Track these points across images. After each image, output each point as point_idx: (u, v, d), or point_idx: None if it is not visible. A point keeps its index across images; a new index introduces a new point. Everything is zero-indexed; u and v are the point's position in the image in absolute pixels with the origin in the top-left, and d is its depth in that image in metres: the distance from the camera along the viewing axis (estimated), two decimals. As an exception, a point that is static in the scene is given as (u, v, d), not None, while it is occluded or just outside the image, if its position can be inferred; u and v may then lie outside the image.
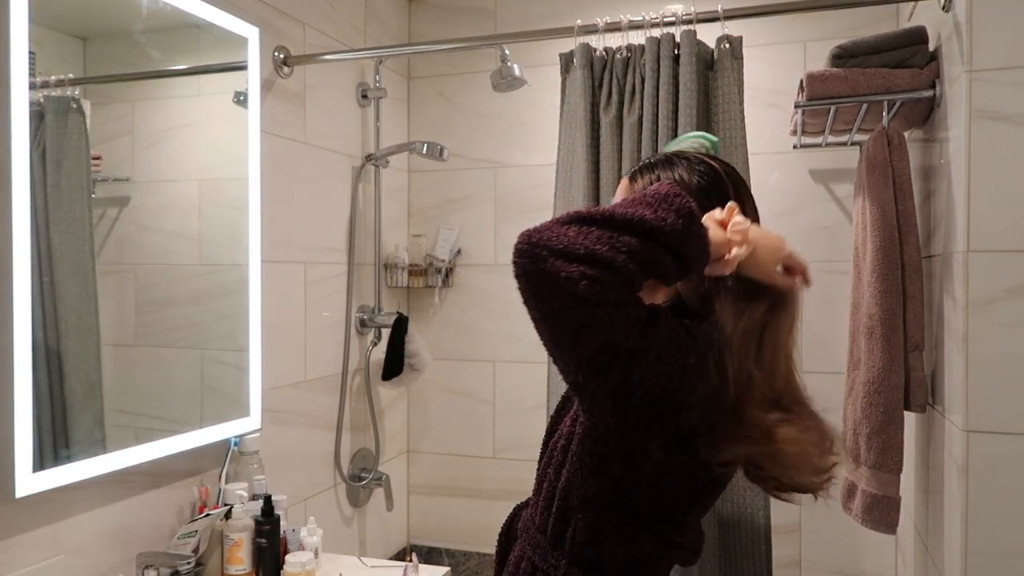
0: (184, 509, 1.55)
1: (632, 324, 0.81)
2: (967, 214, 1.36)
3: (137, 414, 1.43)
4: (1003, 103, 1.34)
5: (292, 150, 1.95)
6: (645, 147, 1.68)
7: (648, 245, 0.81)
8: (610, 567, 0.97)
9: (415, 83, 2.54)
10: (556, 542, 0.99)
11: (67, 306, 1.28)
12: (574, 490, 0.97)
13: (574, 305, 0.80)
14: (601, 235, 0.80)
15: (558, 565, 0.98)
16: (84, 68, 1.33)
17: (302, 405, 1.98)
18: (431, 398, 2.53)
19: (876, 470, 1.55)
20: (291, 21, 1.93)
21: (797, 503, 0.95)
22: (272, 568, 1.52)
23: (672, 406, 0.88)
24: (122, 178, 1.40)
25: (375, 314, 2.24)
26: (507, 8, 2.42)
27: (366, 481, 2.23)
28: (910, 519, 1.82)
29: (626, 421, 0.89)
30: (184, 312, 1.53)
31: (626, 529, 0.95)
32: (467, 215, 2.48)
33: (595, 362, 0.83)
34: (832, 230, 2.12)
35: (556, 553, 0.99)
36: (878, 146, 1.58)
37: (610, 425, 0.90)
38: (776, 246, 0.92)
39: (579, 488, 0.96)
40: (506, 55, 1.80)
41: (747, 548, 1.63)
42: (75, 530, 1.32)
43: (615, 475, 0.94)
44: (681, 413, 0.89)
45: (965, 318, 1.35)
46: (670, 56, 1.66)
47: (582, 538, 0.97)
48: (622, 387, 0.85)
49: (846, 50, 1.62)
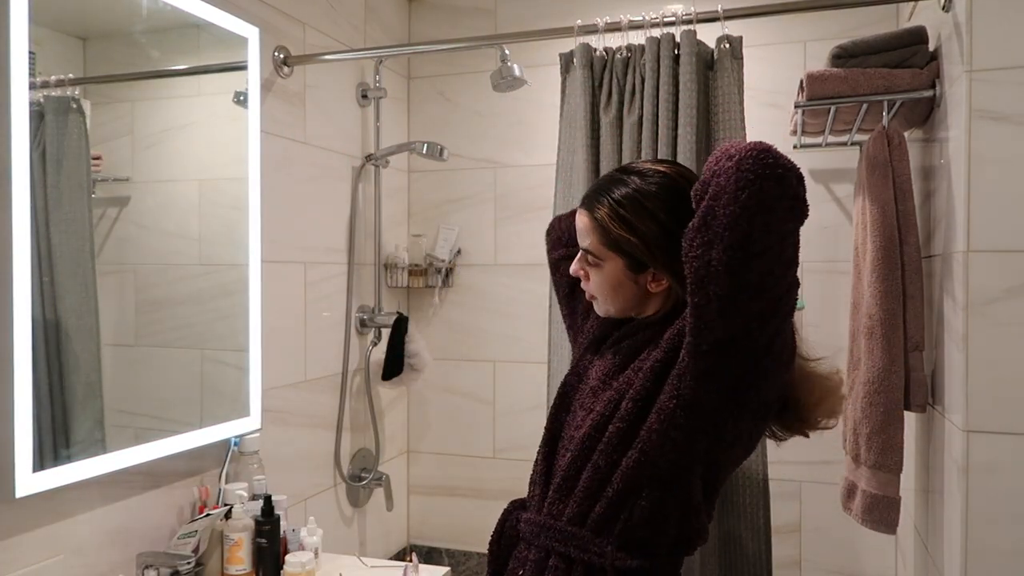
0: (184, 509, 1.55)
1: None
2: (967, 214, 1.36)
3: (137, 414, 1.43)
4: (1003, 103, 1.34)
5: (292, 150, 1.95)
6: (645, 147, 1.68)
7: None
8: (659, 546, 1.00)
9: (415, 83, 2.54)
10: (602, 528, 1.00)
11: (67, 306, 1.28)
12: (644, 469, 0.98)
13: (796, 231, 0.89)
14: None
15: (603, 552, 0.99)
16: (84, 68, 1.33)
17: (302, 405, 1.98)
18: (431, 398, 2.53)
19: (876, 470, 1.55)
20: (291, 21, 1.93)
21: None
22: (272, 568, 1.52)
23: (775, 369, 0.97)
24: (122, 178, 1.40)
25: (375, 314, 2.24)
26: (507, 8, 2.42)
27: (366, 481, 2.23)
28: (910, 519, 1.82)
29: (745, 384, 0.94)
30: (184, 312, 1.53)
31: (687, 506, 1.00)
32: (467, 215, 2.48)
33: (769, 312, 0.90)
34: (832, 230, 2.12)
35: (600, 540, 1.00)
36: (878, 146, 1.58)
37: (726, 388, 0.94)
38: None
39: (650, 466, 0.97)
40: (506, 55, 1.80)
41: (747, 548, 1.63)
42: (75, 530, 1.32)
43: (699, 448, 0.97)
44: (778, 376, 0.99)
45: (965, 318, 1.35)
46: (670, 56, 1.66)
47: (640, 519, 0.98)
48: (764, 348, 0.92)
49: (846, 50, 1.62)
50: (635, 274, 1.06)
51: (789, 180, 0.86)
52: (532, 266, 2.33)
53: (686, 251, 0.90)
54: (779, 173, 0.85)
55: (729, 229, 0.85)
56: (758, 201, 0.84)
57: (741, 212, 0.84)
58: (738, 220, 0.84)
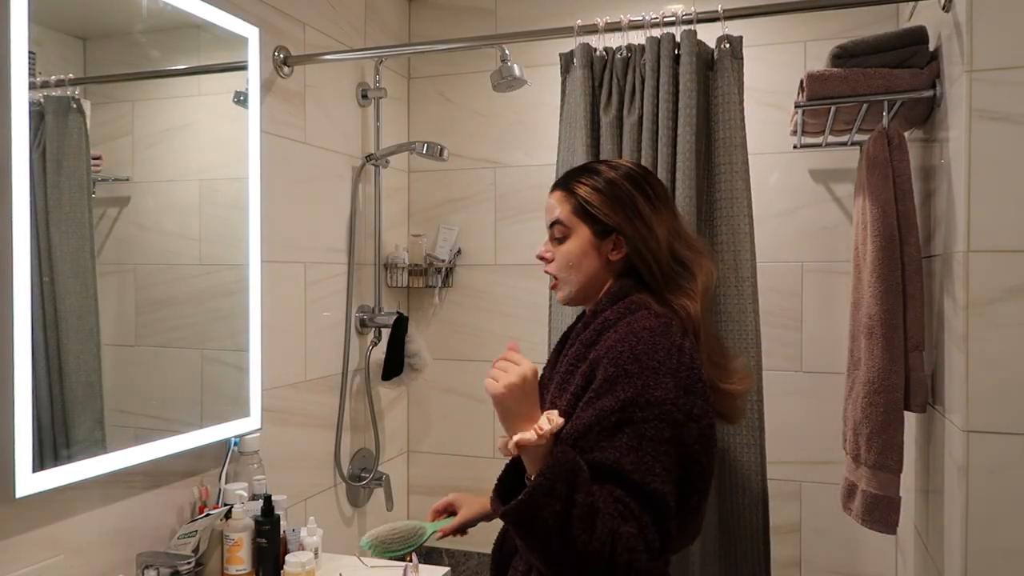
0: (184, 509, 1.55)
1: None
2: (967, 214, 1.36)
3: (137, 414, 1.43)
4: (1003, 103, 1.34)
5: (292, 150, 1.95)
6: (645, 147, 1.68)
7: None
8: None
9: (415, 83, 2.54)
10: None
11: (67, 306, 1.28)
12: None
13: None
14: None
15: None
16: (84, 68, 1.33)
17: (302, 405, 1.98)
18: (431, 398, 2.53)
19: (876, 470, 1.55)
20: (291, 21, 1.93)
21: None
22: (272, 568, 1.52)
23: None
24: (122, 178, 1.40)
25: (375, 314, 2.24)
26: (507, 8, 2.42)
27: (366, 481, 2.23)
28: (910, 519, 1.82)
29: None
30: (184, 312, 1.53)
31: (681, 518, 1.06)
32: (467, 215, 2.48)
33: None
34: (832, 230, 2.12)
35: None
36: (878, 146, 1.58)
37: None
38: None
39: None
40: (506, 55, 1.80)
41: (747, 548, 1.62)
42: (75, 530, 1.32)
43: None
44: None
45: (965, 318, 1.35)
46: (670, 56, 1.66)
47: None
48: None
49: (846, 50, 1.62)
50: (600, 240, 1.15)
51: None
52: (532, 266, 2.33)
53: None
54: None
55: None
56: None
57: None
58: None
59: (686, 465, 1.00)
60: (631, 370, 0.99)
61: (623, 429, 0.96)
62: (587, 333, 1.11)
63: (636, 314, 1.07)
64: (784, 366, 2.15)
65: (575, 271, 1.17)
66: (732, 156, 1.64)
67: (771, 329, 2.12)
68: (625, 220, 1.13)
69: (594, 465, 0.95)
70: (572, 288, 1.18)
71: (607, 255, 1.15)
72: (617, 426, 0.96)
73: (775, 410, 2.04)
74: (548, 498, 0.90)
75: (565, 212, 1.17)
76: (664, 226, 1.14)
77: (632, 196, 1.14)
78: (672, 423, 0.97)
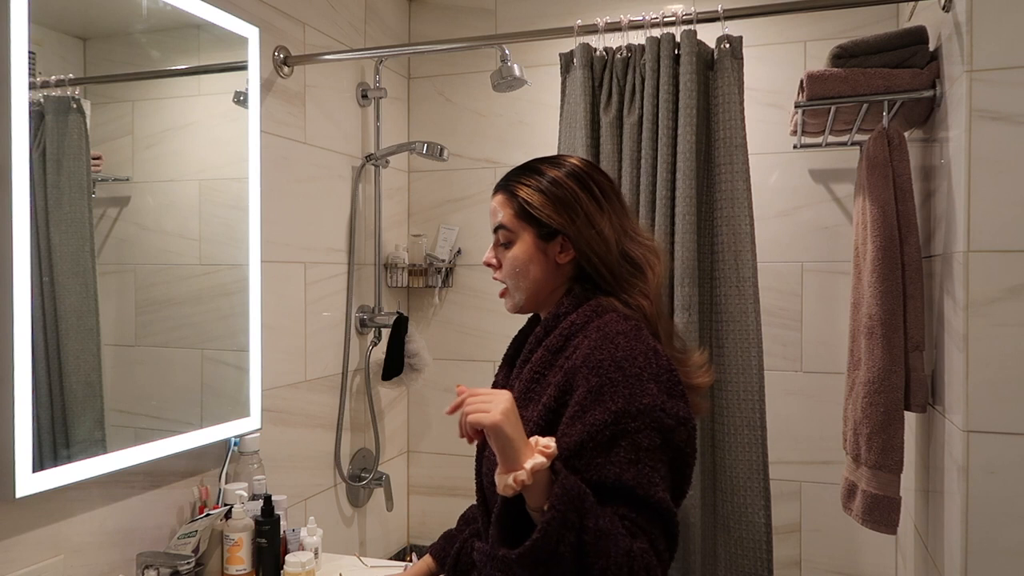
0: (184, 509, 1.55)
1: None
2: (967, 214, 1.36)
3: (137, 414, 1.43)
4: (1003, 103, 1.34)
5: (292, 150, 1.95)
6: (645, 147, 1.68)
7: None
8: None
9: (415, 83, 2.54)
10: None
11: (67, 306, 1.28)
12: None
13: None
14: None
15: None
16: (84, 68, 1.33)
17: (302, 405, 1.98)
18: (431, 398, 2.53)
19: (876, 470, 1.55)
20: (291, 21, 1.93)
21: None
22: (272, 568, 1.52)
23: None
24: (122, 178, 1.40)
25: (375, 314, 2.24)
26: (507, 8, 2.42)
27: (366, 481, 2.23)
28: (910, 519, 1.82)
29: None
30: (184, 312, 1.53)
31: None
32: (467, 215, 2.48)
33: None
34: (832, 230, 2.12)
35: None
36: (878, 146, 1.58)
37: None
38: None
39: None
40: (506, 55, 1.80)
41: (747, 548, 1.63)
42: (75, 530, 1.32)
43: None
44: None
45: (965, 318, 1.35)
46: (670, 56, 1.66)
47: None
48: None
49: (846, 50, 1.62)
50: (545, 243, 1.11)
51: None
52: (532, 266, 2.33)
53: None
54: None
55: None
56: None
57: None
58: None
59: (677, 468, 0.98)
60: (615, 378, 0.95)
61: (618, 442, 0.93)
62: (552, 338, 1.06)
63: (604, 317, 1.04)
64: (784, 366, 2.15)
65: (523, 277, 1.12)
66: (732, 156, 1.64)
67: (771, 329, 2.12)
68: (569, 221, 1.08)
69: (595, 485, 0.91)
70: (522, 296, 1.13)
71: (555, 258, 1.11)
72: (612, 440, 0.93)
73: (775, 410, 2.04)
74: (563, 530, 0.84)
75: (508, 216, 1.13)
76: (611, 224, 1.09)
77: (576, 195, 1.09)
78: (662, 429, 0.95)
